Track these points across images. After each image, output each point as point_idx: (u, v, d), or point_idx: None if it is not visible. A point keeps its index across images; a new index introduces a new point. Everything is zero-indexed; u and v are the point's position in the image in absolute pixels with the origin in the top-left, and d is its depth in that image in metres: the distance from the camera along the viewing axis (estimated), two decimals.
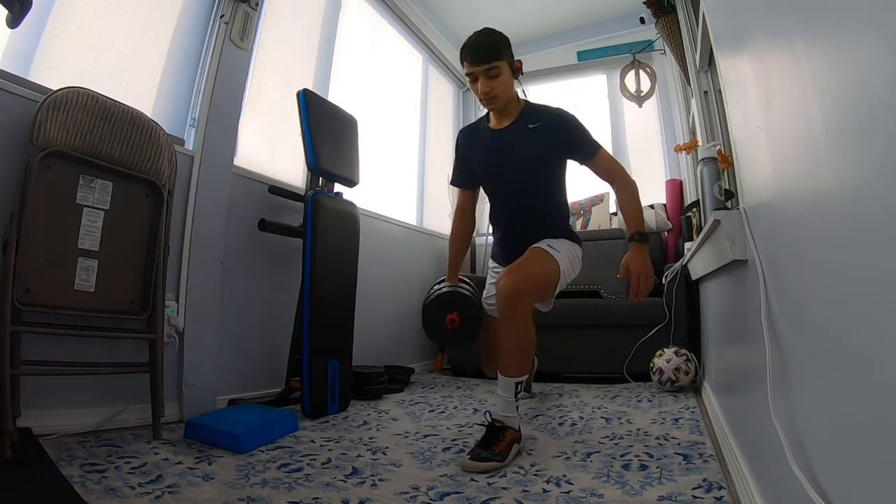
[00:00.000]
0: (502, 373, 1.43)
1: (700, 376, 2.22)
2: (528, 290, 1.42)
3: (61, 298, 1.33)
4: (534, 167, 1.60)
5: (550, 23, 3.82)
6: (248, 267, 2.04)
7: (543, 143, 1.57)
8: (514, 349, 1.42)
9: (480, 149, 1.68)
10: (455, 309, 1.63)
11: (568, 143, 1.59)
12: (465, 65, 1.55)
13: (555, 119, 1.60)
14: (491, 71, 1.52)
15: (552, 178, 1.65)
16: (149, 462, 1.23)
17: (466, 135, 1.76)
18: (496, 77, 1.52)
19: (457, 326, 1.63)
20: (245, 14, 2.01)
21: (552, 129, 1.58)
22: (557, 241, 1.61)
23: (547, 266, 1.53)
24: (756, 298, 0.83)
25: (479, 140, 1.70)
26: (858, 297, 0.46)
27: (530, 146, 1.58)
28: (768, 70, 0.75)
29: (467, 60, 1.54)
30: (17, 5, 1.08)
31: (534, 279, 1.46)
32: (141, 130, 1.52)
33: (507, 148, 1.61)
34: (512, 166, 1.61)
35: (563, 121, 1.60)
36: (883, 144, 0.38)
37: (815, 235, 0.57)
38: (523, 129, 1.60)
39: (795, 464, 0.60)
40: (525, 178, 1.61)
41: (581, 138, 1.59)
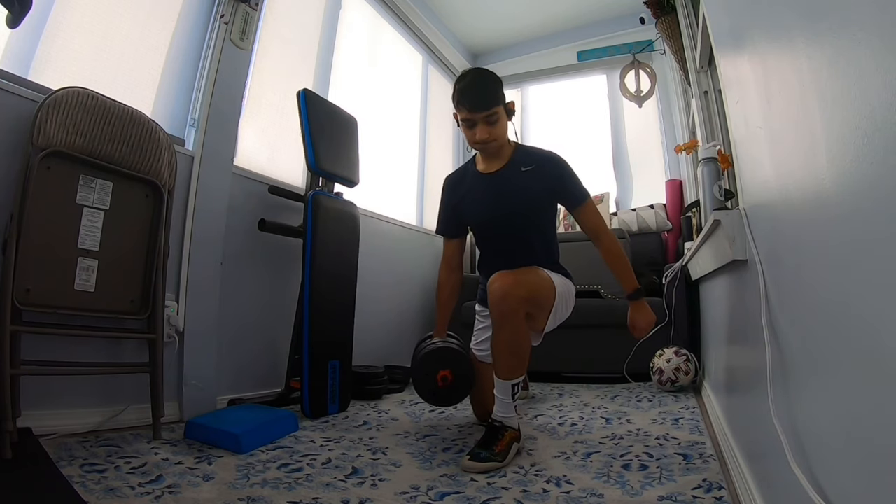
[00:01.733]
0: (498, 375, 1.43)
1: (700, 376, 2.22)
2: (522, 290, 1.40)
3: (61, 298, 1.33)
4: (529, 211, 1.59)
5: (550, 23, 3.82)
6: (248, 267, 2.04)
7: (537, 187, 1.56)
8: (508, 350, 1.41)
9: (472, 195, 1.64)
10: (447, 366, 1.59)
11: (559, 188, 1.58)
12: (461, 110, 1.51)
13: (548, 163, 1.59)
14: (491, 117, 1.49)
15: (545, 221, 1.65)
16: (149, 462, 1.23)
17: (454, 182, 1.73)
18: (495, 123, 1.51)
19: (448, 384, 1.58)
20: (245, 14, 2.01)
21: (545, 174, 1.57)
22: (553, 273, 1.60)
23: (542, 278, 1.51)
24: (756, 298, 0.83)
25: (469, 186, 1.66)
26: (858, 296, 0.46)
27: (525, 190, 1.56)
28: (768, 70, 0.75)
29: (465, 106, 1.49)
30: (17, 5, 1.08)
31: (528, 283, 1.45)
32: (141, 130, 1.52)
33: (503, 192, 1.58)
34: (507, 210, 1.58)
35: (556, 165, 1.59)
36: (883, 144, 0.38)
37: (815, 235, 0.57)
38: (517, 173, 1.58)
39: (795, 464, 0.60)
40: (520, 222, 1.59)
41: (572, 184, 1.58)
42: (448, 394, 1.61)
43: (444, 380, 1.58)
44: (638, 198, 3.54)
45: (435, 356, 1.60)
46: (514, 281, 1.41)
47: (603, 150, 3.72)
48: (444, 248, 1.78)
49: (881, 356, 0.41)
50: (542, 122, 4.07)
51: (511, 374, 1.42)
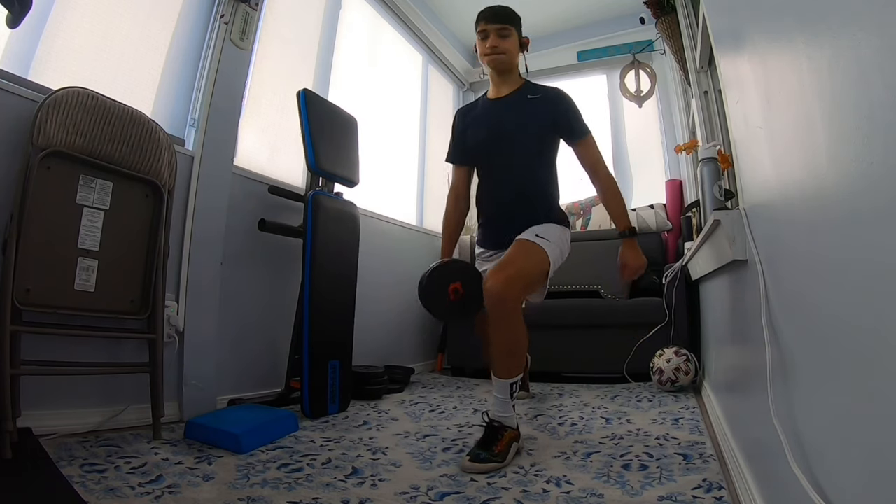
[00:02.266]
0: (496, 375, 1.43)
1: (700, 376, 2.22)
2: (516, 290, 1.41)
3: (61, 298, 1.33)
4: (529, 138, 1.61)
5: (550, 23, 3.82)
6: (248, 267, 2.04)
7: (540, 115, 1.61)
8: (505, 351, 1.42)
9: (478, 120, 1.71)
10: (457, 278, 1.56)
11: (562, 120, 1.62)
12: (479, 24, 1.64)
13: (554, 95, 1.65)
14: (503, 31, 1.62)
15: (546, 152, 1.65)
16: (149, 462, 1.23)
17: (464, 112, 1.81)
18: (506, 37, 1.62)
19: (461, 296, 1.54)
20: (245, 14, 2.01)
21: (551, 104, 1.62)
22: (546, 226, 1.57)
23: (535, 258, 1.50)
24: (756, 298, 0.83)
25: (477, 113, 1.73)
26: (858, 296, 0.46)
27: (528, 116, 1.61)
28: (768, 70, 0.75)
29: (483, 19, 1.63)
30: (17, 5, 1.08)
31: (522, 276, 1.43)
32: (141, 130, 1.52)
33: (504, 116, 1.64)
34: (507, 135, 1.62)
35: (562, 98, 1.65)
36: (883, 144, 0.38)
37: (815, 235, 0.57)
38: (522, 100, 1.65)
39: (795, 464, 0.60)
40: (519, 148, 1.61)
41: (576, 117, 1.63)
42: (461, 306, 1.57)
43: (455, 292, 1.55)
44: (638, 198, 3.54)
45: (444, 269, 1.59)
46: (507, 278, 1.39)
47: (603, 150, 3.68)
48: (452, 177, 1.84)
49: (881, 356, 0.41)
50: None
51: (510, 374, 1.42)
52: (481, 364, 2.91)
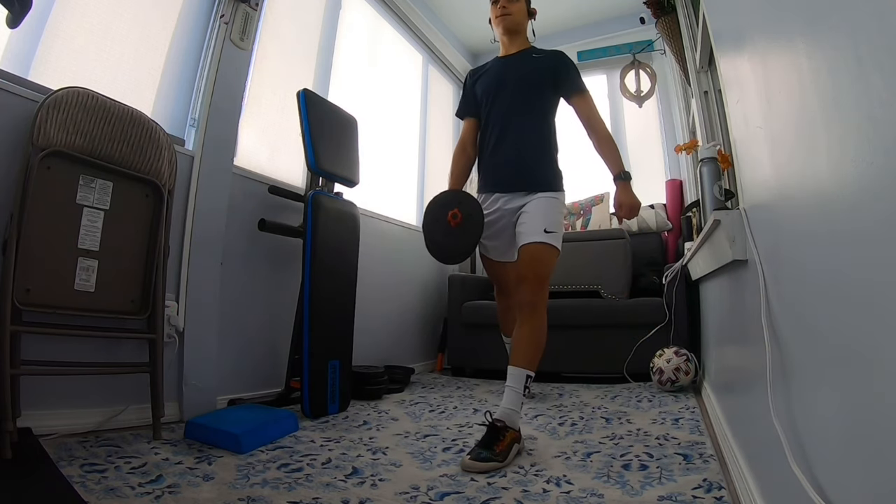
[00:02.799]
0: (515, 363, 1.48)
1: (700, 376, 2.22)
2: (542, 293, 1.58)
3: (61, 298, 1.33)
4: (532, 87, 1.74)
5: (550, 23, 3.81)
6: (248, 267, 2.04)
7: (543, 71, 1.75)
8: (530, 341, 1.52)
9: (486, 75, 1.85)
10: (456, 205, 1.65)
11: (563, 75, 1.75)
12: None
13: (557, 54, 1.81)
14: None
15: (546, 105, 1.77)
16: (149, 462, 1.23)
17: (474, 71, 1.94)
18: (515, 2, 1.79)
19: (459, 222, 1.62)
20: (245, 14, 2.01)
21: (553, 61, 1.77)
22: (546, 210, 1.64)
23: (549, 259, 1.61)
24: (756, 298, 0.83)
25: (486, 70, 1.87)
26: (858, 296, 0.46)
27: (531, 68, 1.76)
28: (768, 70, 0.75)
29: None
30: (17, 5, 1.08)
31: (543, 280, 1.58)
32: (141, 130, 1.52)
33: (511, 69, 1.78)
34: (513, 82, 1.75)
35: (563, 57, 1.80)
36: (883, 144, 0.38)
37: (815, 235, 0.57)
38: (527, 57, 1.81)
39: (795, 464, 0.60)
40: (523, 95, 1.73)
41: (574, 74, 1.77)
42: (460, 233, 1.63)
43: (454, 217, 1.62)
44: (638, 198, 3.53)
45: (444, 197, 1.72)
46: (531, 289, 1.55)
47: None
48: (462, 131, 1.92)
49: (881, 356, 0.41)
50: None
51: (530, 364, 1.49)
52: (481, 364, 2.92)
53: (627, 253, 2.69)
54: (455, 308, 3.04)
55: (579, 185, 3.38)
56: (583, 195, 3.33)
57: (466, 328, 2.98)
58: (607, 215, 3.21)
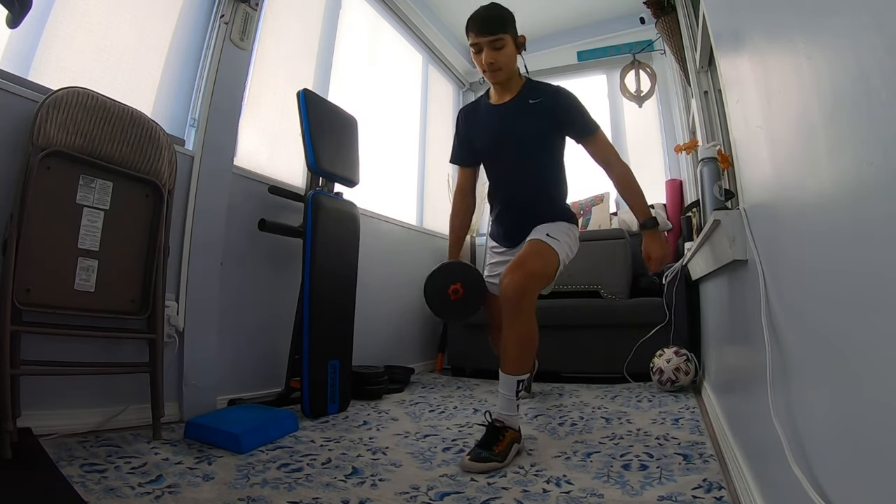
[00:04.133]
0: (505, 370, 1.44)
1: (700, 376, 2.22)
2: (532, 287, 1.44)
3: (61, 298, 1.33)
4: (534, 142, 1.62)
5: (550, 23, 3.82)
6: (248, 267, 2.04)
7: (544, 118, 1.60)
8: (517, 347, 1.43)
9: (481, 124, 1.70)
10: (458, 279, 1.61)
11: (567, 120, 1.61)
12: (470, 35, 1.57)
13: (555, 95, 1.62)
14: (496, 42, 1.54)
15: (552, 154, 1.66)
16: (149, 462, 1.23)
17: (467, 113, 1.79)
18: (501, 49, 1.55)
19: (460, 297, 1.60)
20: (245, 14, 2.01)
21: (553, 105, 1.60)
22: (555, 225, 1.61)
23: (548, 259, 1.54)
24: (756, 298, 0.83)
25: (480, 116, 1.71)
26: (858, 296, 0.45)
27: (531, 121, 1.60)
28: (768, 70, 0.75)
29: (473, 31, 1.55)
30: (17, 5, 1.08)
31: (536, 275, 1.47)
32: (141, 130, 1.52)
33: (509, 122, 1.63)
34: (513, 141, 1.62)
35: (564, 97, 1.62)
36: (883, 144, 0.38)
37: (815, 235, 0.57)
38: (524, 104, 1.62)
39: (795, 464, 0.60)
40: (525, 153, 1.63)
41: (580, 116, 1.61)
42: (461, 306, 1.62)
43: (455, 293, 1.60)
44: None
45: (446, 270, 1.65)
46: (524, 276, 1.43)
47: None
48: (458, 178, 1.85)
49: (881, 355, 0.41)
50: None
51: (519, 370, 1.43)
52: (481, 364, 2.91)
53: (627, 253, 2.69)
54: None
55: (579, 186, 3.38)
56: (583, 195, 3.32)
57: (466, 328, 2.98)
58: (607, 215, 3.21)
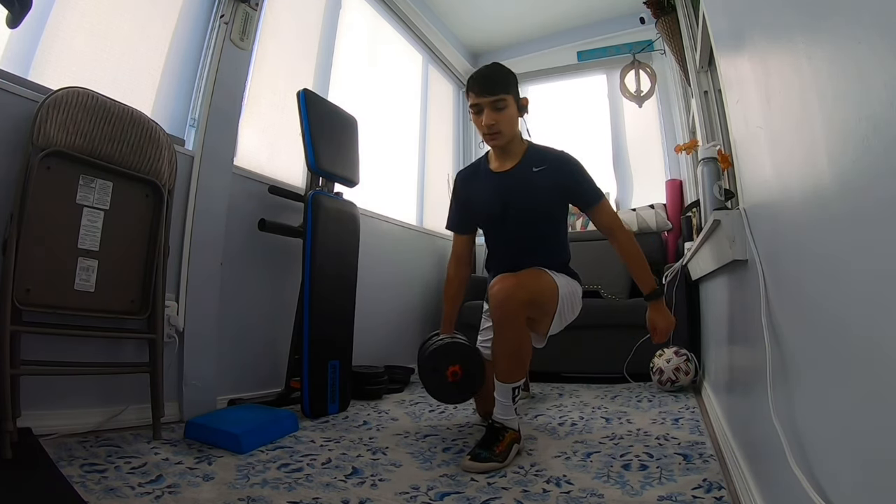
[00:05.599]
0: (498, 378, 1.43)
1: (700, 376, 2.22)
2: (523, 295, 1.39)
3: (61, 298, 1.33)
4: (538, 212, 1.58)
5: (550, 23, 3.82)
6: (248, 267, 2.04)
7: (548, 188, 1.55)
8: (508, 354, 1.41)
9: (481, 192, 1.64)
10: (457, 361, 1.56)
11: (572, 189, 1.57)
12: (470, 95, 1.52)
13: (560, 163, 1.58)
14: (497, 103, 1.49)
15: (556, 222, 1.63)
16: (149, 462, 1.23)
17: (466, 178, 1.73)
18: (502, 110, 1.50)
19: (459, 378, 1.56)
20: (245, 14, 2.01)
21: (558, 174, 1.55)
22: (558, 274, 1.58)
23: (546, 283, 1.50)
24: (756, 298, 0.83)
25: (480, 183, 1.66)
26: (858, 296, 0.46)
27: (535, 191, 1.55)
28: (768, 70, 0.75)
29: (474, 91, 1.50)
30: (17, 5, 1.08)
31: (529, 287, 1.44)
32: (141, 130, 1.52)
33: (512, 192, 1.57)
34: (516, 211, 1.57)
35: (569, 166, 1.58)
36: (883, 144, 0.38)
37: (815, 235, 0.57)
38: (527, 173, 1.57)
39: (795, 464, 0.60)
40: (529, 223, 1.58)
41: (586, 185, 1.57)
42: (458, 389, 1.58)
43: (454, 375, 1.55)
44: (638, 198, 3.54)
45: (445, 350, 1.58)
46: (515, 283, 1.40)
47: (603, 149, 3.71)
48: (453, 244, 1.79)
49: (881, 356, 0.41)
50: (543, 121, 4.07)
51: (511, 378, 1.42)
52: None
53: None
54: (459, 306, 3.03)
55: None
56: None
57: (466, 328, 2.97)
58: None
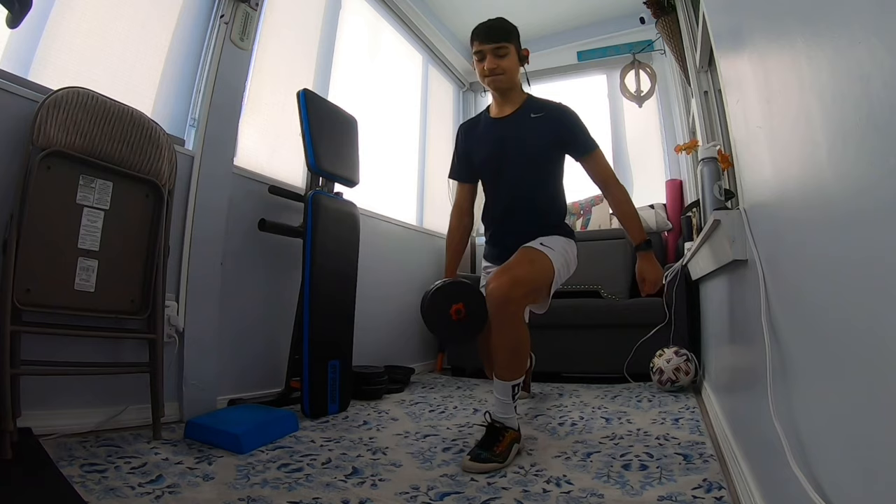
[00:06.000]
0: (498, 377, 1.43)
1: (700, 376, 2.22)
2: (519, 293, 1.40)
3: (61, 298, 1.33)
4: (534, 157, 1.60)
5: (550, 23, 3.82)
6: (248, 267, 2.04)
7: (545, 134, 1.59)
8: (507, 354, 1.41)
9: (481, 139, 1.68)
10: (460, 299, 1.55)
11: (568, 137, 1.60)
12: (474, 44, 1.58)
13: (557, 112, 1.62)
14: (499, 50, 1.56)
15: (551, 171, 1.64)
16: (149, 462, 1.23)
17: (467, 128, 1.77)
18: (503, 56, 1.57)
19: (462, 317, 1.54)
20: (245, 14, 2.01)
21: (555, 121, 1.60)
22: (551, 238, 1.58)
23: (540, 266, 1.50)
24: (756, 298, 0.83)
25: (480, 131, 1.70)
26: (858, 296, 0.46)
27: (532, 135, 1.59)
28: (768, 70, 0.75)
29: (477, 39, 1.58)
30: (17, 5, 1.08)
31: (525, 281, 1.43)
32: (141, 130, 1.52)
33: (509, 136, 1.61)
34: (512, 154, 1.60)
35: (566, 114, 1.62)
36: (883, 144, 0.38)
37: (815, 235, 0.57)
38: (525, 118, 1.61)
39: (795, 464, 0.60)
40: (524, 168, 1.60)
41: (582, 133, 1.61)
42: (463, 327, 1.56)
43: (457, 313, 1.53)
44: (638, 198, 3.53)
45: (447, 290, 1.57)
46: (510, 282, 1.40)
47: (603, 149, 3.69)
48: (455, 194, 1.82)
49: (881, 356, 0.41)
50: None
51: (511, 375, 1.42)
52: (481, 364, 2.91)
53: (627, 253, 2.69)
54: None
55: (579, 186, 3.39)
56: (583, 195, 3.32)
57: None
58: (607, 215, 3.21)
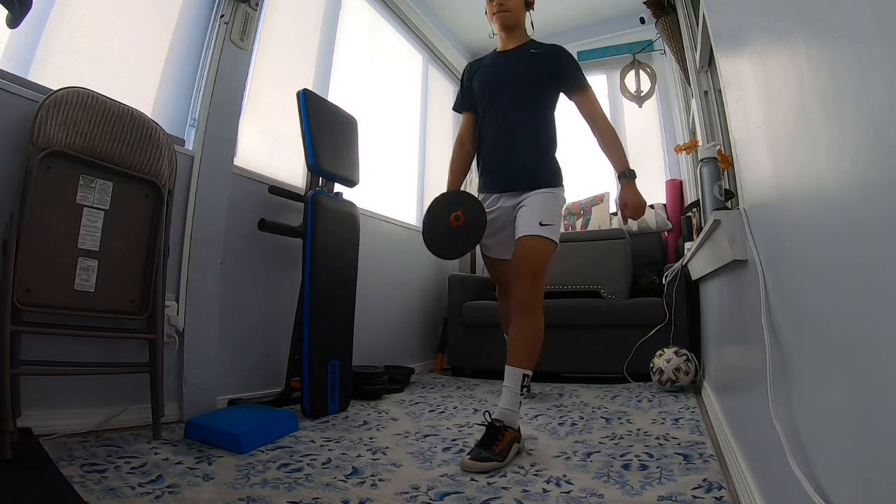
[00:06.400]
0: (512, 363, 1.47)
1: (700, 376, 2.22)
2: (538, 289, 1.54)
3: (61, 298, 1.33)
4: (530, 84, 1.70)
5: (550, 23, 3.81)
6: (248, 267, 2.04)
7: (542, 66, 1.71)
8: (527, 341, 1.50)
9: (484, 69, 1.81)
10: (460, 206, 1.63)
11: (563, 71, 1.72)
12: None
13: (556, 49, 1.76)
14: None
15: (544, 101, 1.73)
16: (149, 462, 1.23)
17: (473, 64, 1.90)
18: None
19: (462, 224, 1.60)
20: (245, 14, 2.01)
21: (552, 56, 1.73)
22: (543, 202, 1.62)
23: (544, 253, 1.59)
24: (756, 298, 0.83)
25: (484, 64, 1.84)
26: (858, 296, 0.46)
27: (530, 66, 1.71)
28: (768, 70, 0.75)
29: None
30: (17, 5, 1.08)
31: (539, 275, 1.55)
32: (141, 130, 1.52)
33: (508, 64, 1.74)
34: (510, 80, 1.71)
35: (563, 51, 1.76)
36: (883, 144, 0.38)
37: (815, 235, 0.57)
38: (526, 52, 1.76)
39: (795, 464, 0.60)
40: (520, 94, 1.70)
41: (575, 70, 1.73)
42: (462, 235, 1.62)
43: (457, 219, 1.61)
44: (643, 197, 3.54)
45: (447, 197, 1.68)
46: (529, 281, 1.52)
47: None
48: (460, 126, 1.91)
49: (880, 356, 0.41)
50: None
51: (526, 364, 1.48)
52: (481, 364, 2.92)
53: (627, 253, 2.69)
54: (455, 308, 3.04)
55: (579, 185, 3.39)
56: (583, 195, 3.33)
57: (466, 328, 2.98)
58: (607, 215, 3.21)
